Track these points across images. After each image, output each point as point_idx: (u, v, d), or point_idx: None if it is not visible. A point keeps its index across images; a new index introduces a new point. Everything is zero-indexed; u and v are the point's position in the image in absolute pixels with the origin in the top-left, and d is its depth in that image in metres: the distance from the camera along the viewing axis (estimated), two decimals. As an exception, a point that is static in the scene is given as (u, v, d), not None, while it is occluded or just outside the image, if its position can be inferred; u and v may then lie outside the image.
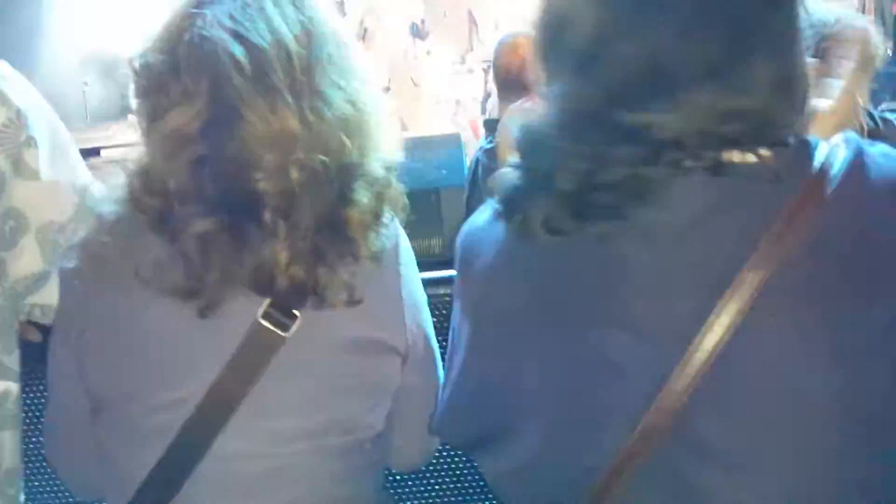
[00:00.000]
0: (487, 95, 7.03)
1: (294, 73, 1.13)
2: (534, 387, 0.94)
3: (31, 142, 1.23)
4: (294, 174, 1.12)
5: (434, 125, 6.38)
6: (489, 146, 2.99)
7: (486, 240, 1.01)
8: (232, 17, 1.13)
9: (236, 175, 1.12)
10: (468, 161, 3.31)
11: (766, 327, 0.83)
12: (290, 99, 1.13)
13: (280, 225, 1.12)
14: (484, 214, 1.04)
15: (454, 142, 3.89)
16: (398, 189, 1.24)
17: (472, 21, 7.60)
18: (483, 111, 6.86)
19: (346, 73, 1.19)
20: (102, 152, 3.87)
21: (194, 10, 1.15)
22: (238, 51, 1.11)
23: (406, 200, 1.26)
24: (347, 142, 1.16)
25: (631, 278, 0.87)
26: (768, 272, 0.81)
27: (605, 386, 0.90)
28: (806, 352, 0.82)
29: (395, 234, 1.26)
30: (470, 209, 3.08)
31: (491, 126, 3.01)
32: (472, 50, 7.66)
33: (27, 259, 1.23)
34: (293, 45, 1.13)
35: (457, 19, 7.42)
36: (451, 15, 7.29)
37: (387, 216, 1.23)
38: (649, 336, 0.87)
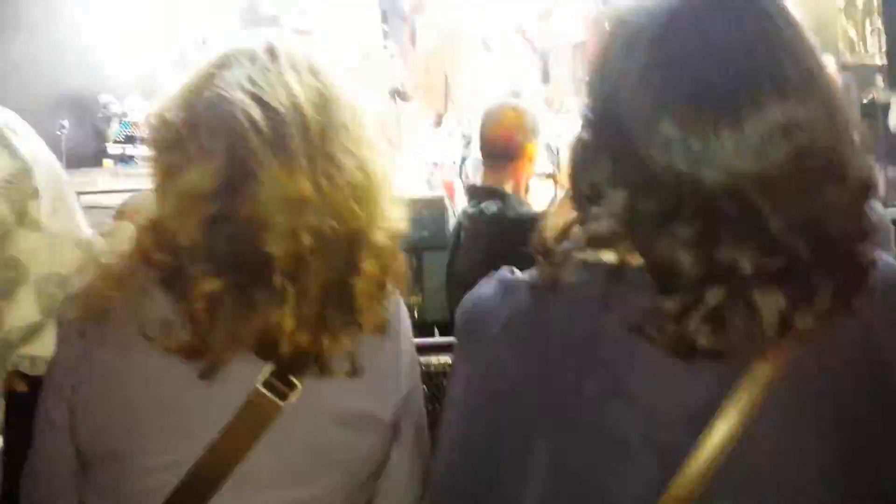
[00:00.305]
0: (464, 159, 7.12)
1: (309, 137, 1.15)
2: (542, 464, 0.94)
3: (35, 194, 1.23)
4: (305, 239, 1.12)
5: (411, 186, 6.42)
6: (472, 210, 3.02)
7: (494, 313, 1.01)
8: (251, 80, 1.14)
9: (248, 236, 1.12)
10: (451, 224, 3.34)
11: (778, 418, 0.85)
12: (304, 163, 1.14)
13: (288, 289, 1.12)
14: (490, 287, 1.03)
15: (438, 204, 3.94)
16: (403, 261, 1.25)
17: (447, 84, 7.74)
18: (460, 174, 6.94)
19: (359, 140, 1.20)
20: (81, 198, 3.81)
21: (215, 71, 1.16)
22: (256, 113, 1.12)
23: (409, 274, 1.27)
24: (357, 209, 1.17)
25: (646, 358, 0.88)
26: (783, 363, 0.83)
27: (615, 468, 0.90)
28: (815, 448, 0.83)
29: (397, 307, 1.26)
30: (452, 273, 3.11)
31: (475, 192, 3.06)
32: (446, 111, 7.78)
33: (23, 309, 1.21)
34: (310, 111, 1.15)
35: (433, 82, 7.55)
36: (427, 78, 7.42)
37: (390, 288, 1.24)
38: (663, 418, 0.88)
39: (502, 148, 2.87)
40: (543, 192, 3.66)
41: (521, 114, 2.94)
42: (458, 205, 6.77)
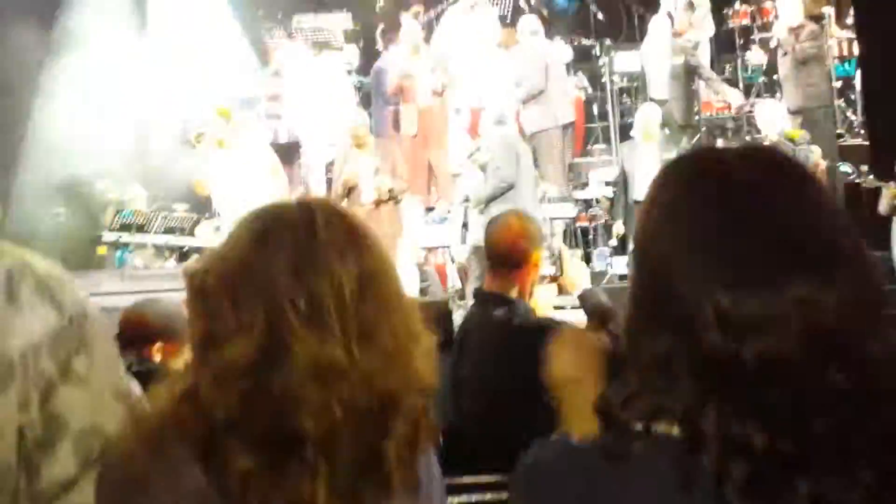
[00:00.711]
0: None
1: (345, 310, 1.16)
2: None
3: (79, 349, 1.23)
4: (338, 412, 1.13)
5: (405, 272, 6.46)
6: (479, 316, 3.04)
7: (564, 482, 0.95)
8: (292, 264, 1.16)
9: (282, 412, 1.12)
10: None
11: None
12: (338, 334, 1.15)
13: (321, 463, 1.12)
14: (553, 452, 0.99)
15: (443, 309, 3.97)
16: (433, 418, 1.25)
17: (431, 171, 7.90)
18: (451, 259, 7.02)
19: (393, 308, 1.22)
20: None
21: (255, 248, 1.18)
22: (296, 294, 1.14)
23: (440, 434, 1.27)
24: (391, 376, 1.17)
25: None
26: None
27: None
28: None
29: (428, 464, 1.26)
30: (458, 379, 3.10)
31: (482, 297, 3.08)
32: (429, 194, 7.87)
33: (61, 464, 1.21)
34: (347, 288, 1.17)
35: (418, 167, 7.69)
36: (413, 168, 7.52)
37: (422, 444, 1.23)
38: None
39: (508, 255, 2.94)
40: (545, 293, 3.70)
41: (526, 222, 3.03)
42: (449, 284, 6.96)
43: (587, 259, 6.97)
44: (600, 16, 9.44)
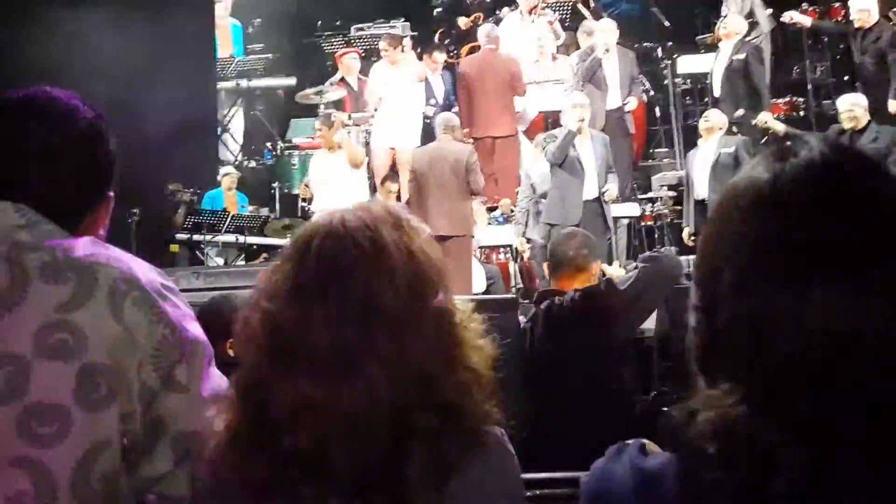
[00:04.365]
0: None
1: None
2: None
3: (181, 360, 1.26)
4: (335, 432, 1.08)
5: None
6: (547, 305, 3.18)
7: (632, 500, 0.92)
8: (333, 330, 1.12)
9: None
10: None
11: None
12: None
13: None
14: (622, 469, 0.96)
15: (510, 304, 3.99)
16: (472, 433, 1.14)
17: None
18: (515, 258, 7.06)
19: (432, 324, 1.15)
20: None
21: (296, 307, 1.12)
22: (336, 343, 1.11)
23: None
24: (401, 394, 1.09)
25: None
26: None
27: None
28: None
29: (483, 478, 1.13)
30: (529, 373, 3.17)
31: (547, 295, 3.29)
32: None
33: (158, 462, 1.26)
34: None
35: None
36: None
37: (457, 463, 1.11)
38: None
39: (572, 263, 3.35)
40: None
41: (588, 237, 3.60)
42: (512, 283, 7.00)
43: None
44: (665, 22, 9.36)
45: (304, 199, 7.56)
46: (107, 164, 1.37)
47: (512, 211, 7.54)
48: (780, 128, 7.31)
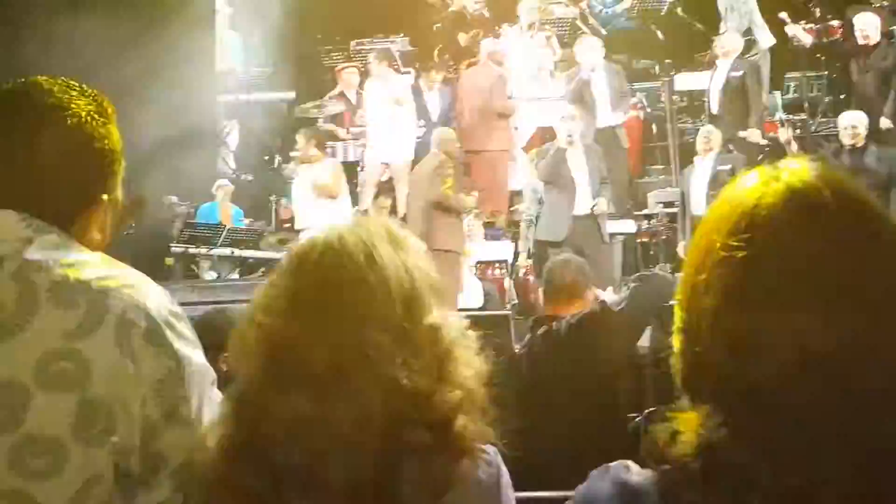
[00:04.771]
0: (515, 257, 7.22)
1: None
2: None
3: (186, 395, 1.23)
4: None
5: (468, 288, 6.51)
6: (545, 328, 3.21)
7: None
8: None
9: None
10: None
11: None
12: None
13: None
14: (606, 488, 0.96)
15: (503, 321, 4.00)
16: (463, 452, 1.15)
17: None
18: (510, 273, 7.07)
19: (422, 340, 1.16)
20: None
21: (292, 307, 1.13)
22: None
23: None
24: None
25: None
26: None
27: None
28: None
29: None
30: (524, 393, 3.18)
31: (542, 321, 3.33)
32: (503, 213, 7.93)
33: (157, 492, 1.22)
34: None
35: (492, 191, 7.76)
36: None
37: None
38: None
39: (568, 289, 3.46)
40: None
41: (583, 265, 3.70)
42: (507, 298, 6.99)
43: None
44: (660, 35, 9.40)
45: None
46: (98, 164, 1.28)
47: (509, 227, 7.56)
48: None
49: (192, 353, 1.25)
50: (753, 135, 7.43)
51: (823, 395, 0.82)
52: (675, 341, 0.93)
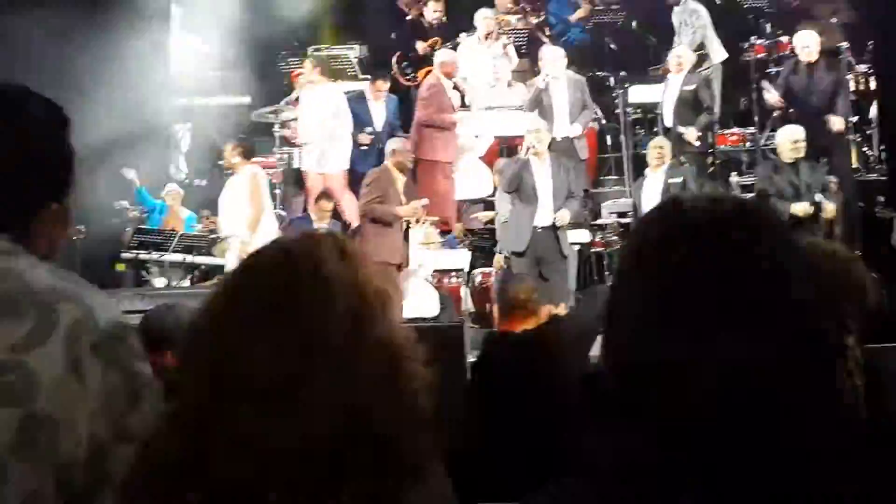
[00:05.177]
0: (471, 267, 7.25)
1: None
2: None
3: (133, 405, 1.21)
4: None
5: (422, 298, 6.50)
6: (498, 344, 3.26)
7: None
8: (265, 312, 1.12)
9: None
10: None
11: None
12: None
13: None
14: (543, 496, 0.98)
15: (455, 331, 4.00)
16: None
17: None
18: (467, 281, 7.08)
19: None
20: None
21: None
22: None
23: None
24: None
25: None
26: None
27: None
28: None
29: None
30: (470, 402, 3.19)
31: (496, 338, 3.40)
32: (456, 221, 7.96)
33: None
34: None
35: (440, 191, 7.79)
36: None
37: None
38: None
39: (523, 307, 3.58)
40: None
41: (536, 288, 3.83)
42: (463, 307, 7.01)
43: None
44: (615, 48, 9.54)
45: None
46: (49, 172, 1.26)
47: (465, 235, 7.58)
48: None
49: (142, 367, 1.24)
50: (690, 133, 7.57)
51: (742, 413, 0.86)
52: (602, 359, 0.96)
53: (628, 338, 0.91)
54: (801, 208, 6.47)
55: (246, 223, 6.68)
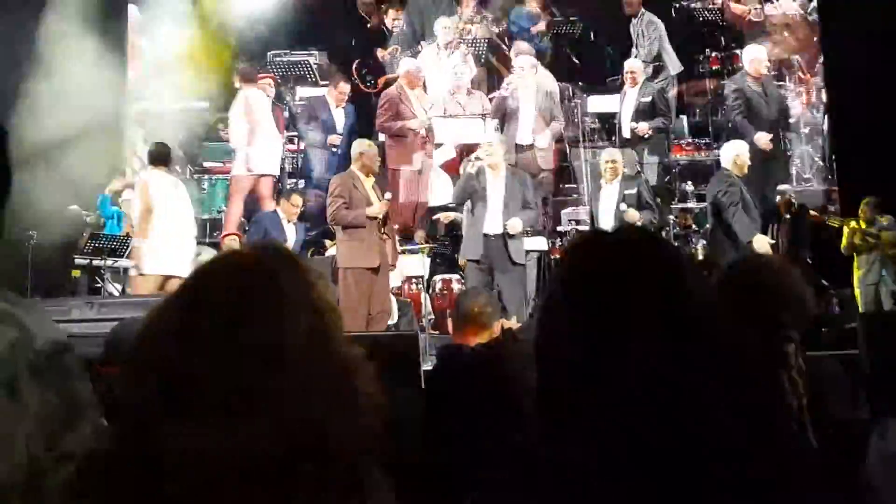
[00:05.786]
0: (431, 273, 7.26)
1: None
2: None
3: (71, 424, 1.20)
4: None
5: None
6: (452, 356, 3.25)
7: None
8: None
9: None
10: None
11: None
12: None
13: None
14: None
15: (411, 341, 4.01)
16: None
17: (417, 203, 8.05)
18: (427, 288, 7.09)
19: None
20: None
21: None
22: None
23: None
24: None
25: None
26: None
27: None
28: None
29: None
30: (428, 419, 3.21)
31: (450, 350, 3.37)
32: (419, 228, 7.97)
33: None
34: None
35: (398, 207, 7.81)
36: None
37: None
38: None
39: (477, 320, 3.59)
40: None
41: (492, 296, 3.98)
42: (423, 313, 7.01)
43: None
44: (574, 59, 9.64)
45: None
46: None
47: (427, 242, 7.59)
48: None
49: (80, 387, 1.21)
50: (642, 127, 7.77)
51: (660, 418, 0.94)
52: (536, 368, 1.06)
53: (556, 349, 1.02)
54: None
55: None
